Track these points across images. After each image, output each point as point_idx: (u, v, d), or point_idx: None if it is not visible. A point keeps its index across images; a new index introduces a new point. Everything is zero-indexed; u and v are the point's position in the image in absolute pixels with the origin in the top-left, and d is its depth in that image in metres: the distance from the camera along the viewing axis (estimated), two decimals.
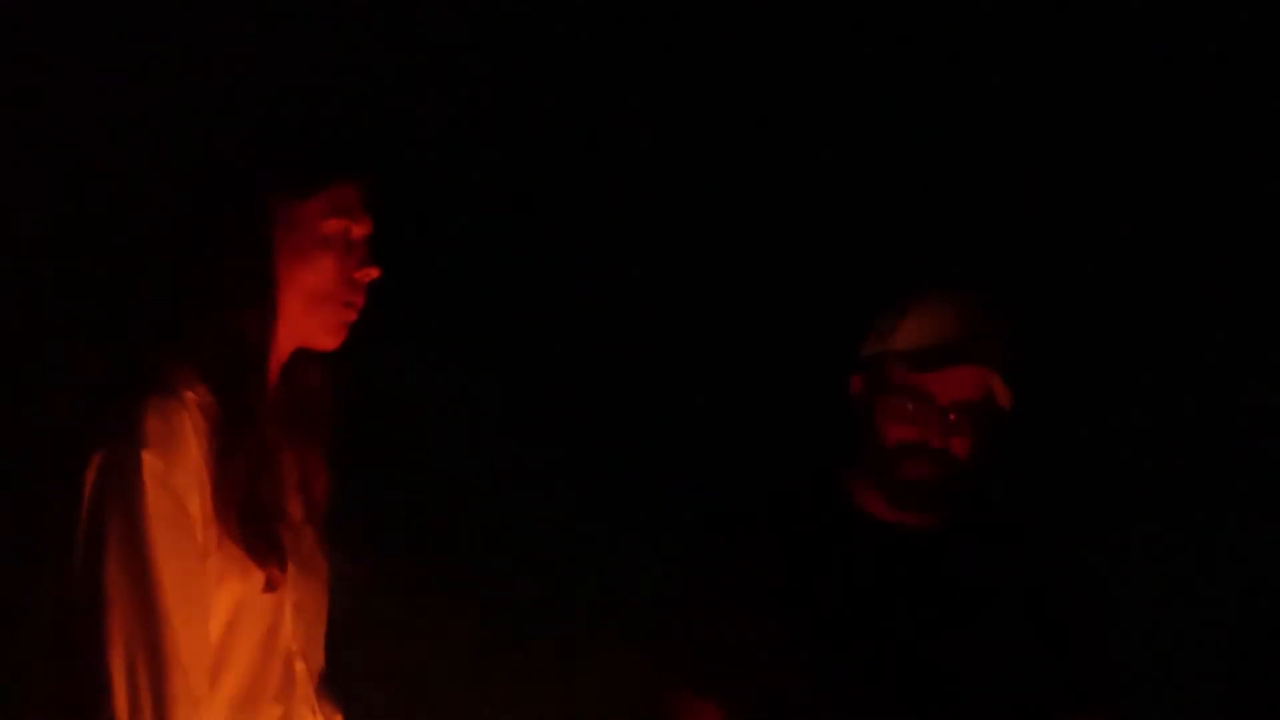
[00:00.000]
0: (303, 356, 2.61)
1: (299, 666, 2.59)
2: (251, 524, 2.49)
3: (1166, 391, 3.99)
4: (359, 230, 2.58)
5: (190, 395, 2.47)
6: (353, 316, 2.59)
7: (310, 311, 2.55)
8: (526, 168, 3.94)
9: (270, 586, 2.53)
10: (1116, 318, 3.98)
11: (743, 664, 3.00)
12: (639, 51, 3.97)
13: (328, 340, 2.58)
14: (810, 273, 3.94)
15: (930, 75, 3.97)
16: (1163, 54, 3.95)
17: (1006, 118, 3.97)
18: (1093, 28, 3.96)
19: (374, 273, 2.59)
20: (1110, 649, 3.11)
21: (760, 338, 3.93)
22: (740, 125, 3.99)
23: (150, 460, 2.40)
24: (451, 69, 3.96)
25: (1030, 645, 3.03)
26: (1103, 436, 3.97)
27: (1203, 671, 3.94)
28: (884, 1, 3.96)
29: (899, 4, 3.97)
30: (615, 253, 3.96)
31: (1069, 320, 3.92)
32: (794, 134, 3.99)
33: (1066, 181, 3.97)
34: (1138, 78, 3.97)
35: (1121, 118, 3.98)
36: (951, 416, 2.94)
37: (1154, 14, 3.94)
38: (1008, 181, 3.96)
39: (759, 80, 3.99)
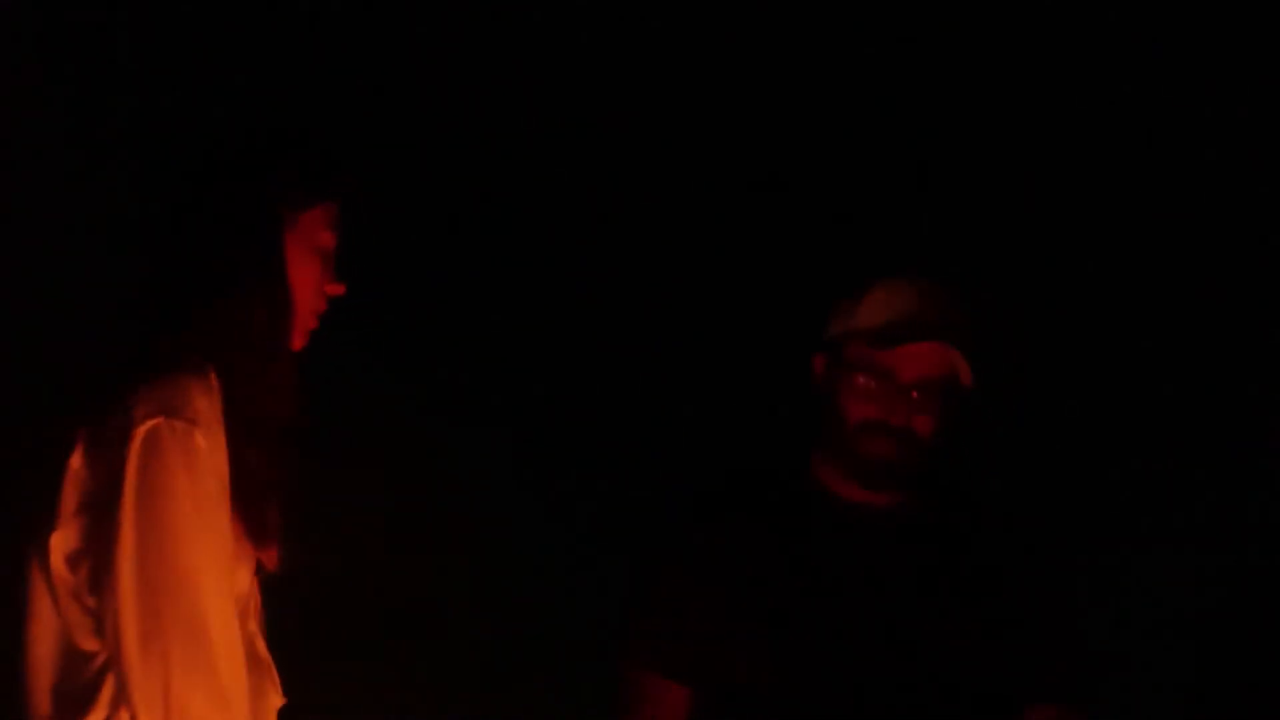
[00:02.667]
0: None
1: (260, 645, 2.65)
2: (258, 508, 2.56)
3: (1137, 378, 4.02)
4: (333, 244, 2.67)
5: (212, 381, 2.54)
6: (316, 324, 2.68)
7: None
8: (492, 164, 4.01)
9: (264, 569, 2.61)
10: (1086, 304, 4.02)
11: (709, 645, 3.00)
12: (602, 46, 4.03)
13: (298, 341, 2.66)
14: (777, 260, 3.98)
15: (898, 70, 4.02)
16: (1118, 44, 4.01)
17: (977, 109, 4.02)
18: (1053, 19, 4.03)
19: (341, 289, 2.68)
20: (1079, 636, 3.11)
21: (726, 324, 3.98)
22: (705, 115, 4.04)
23: (200, 439, 2.45)
24: (440, 69, 4.02)
25: (997, 629, 3.03)
26: (1074, 420, 4.01)
27: (1173, 658, 3.97)
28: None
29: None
30: (585, 246, 4.01)
31: (1037, 304, 3.96)
32: (761, 127, 4.04)
33: (1030, 172, 4.02)
34: (1106, 67, 4.02)
35: (1088, 107, 4.03)
36: (914, 394, 2.93)
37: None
38: (973, 172, 4.01)
39: (722, 74, 4.04)
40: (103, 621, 2.44)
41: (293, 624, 2.74)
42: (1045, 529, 3.22)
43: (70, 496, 2.47)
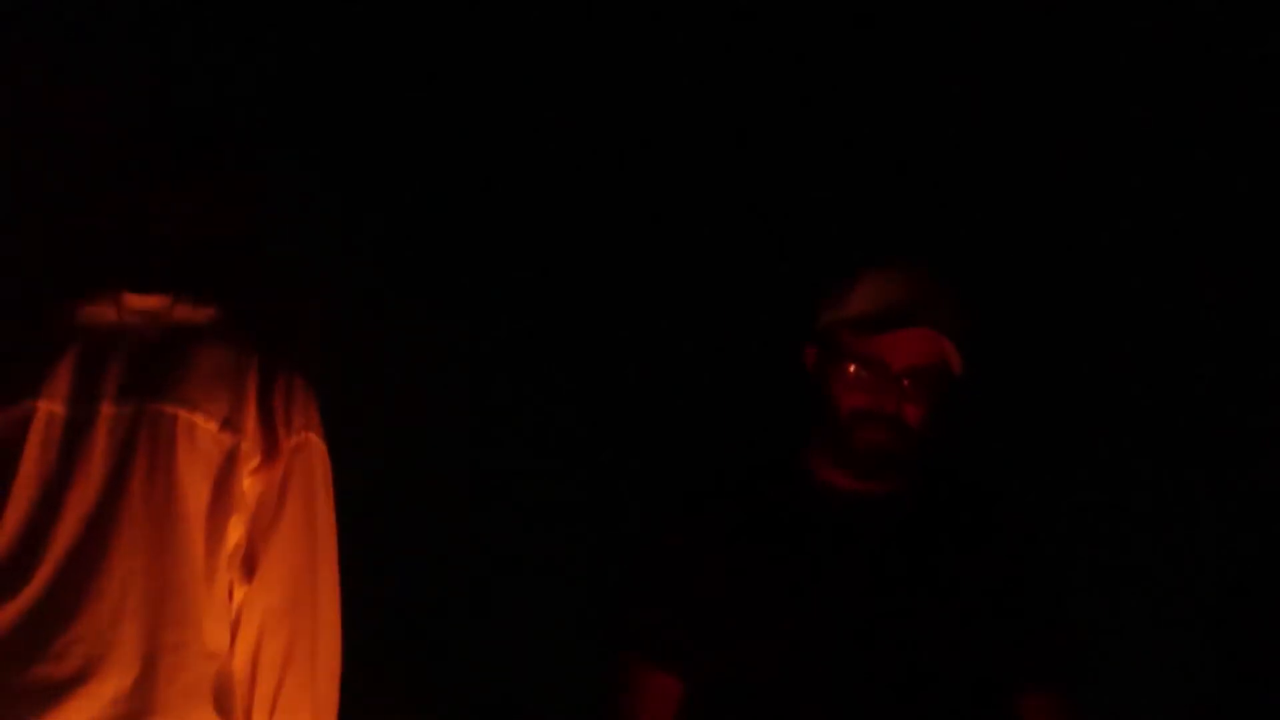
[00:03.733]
0: None
1: None
2: None
3: (1130, 364, 4.05)
4: None
5: None
6: None
7: None
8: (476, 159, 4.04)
9: None
10: (1082, 289, 4.06)
11: (701, 634, 3.01)
12: (594, 39, 4.06)
13: None
14: (768, 253, 4.01)
15: (884, 62, 4.04)
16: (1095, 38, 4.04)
17: (961, 100, 4.05)
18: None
19: None
20: (1070, 622, 3.12)
21: (718, 317, 4.00)
22: (694, 109, 4.07)
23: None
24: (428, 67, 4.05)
25: (989, 616, 3.04)
26: (1065, 406, 4.03)
27: (1171, 645, 3.97)
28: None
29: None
30: (578, 240, 4.03)
31: (1028, 289, 3.99)
32: (750, 120, 4.07)
33: (1021, 159, 4.05)
34: (1083, 55, 4.06)
35: (1077, 96, 4.07)
36: (905, 383, 2.94)
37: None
38: (960, 160, 4.03)
39: (711, 68, 4.07)
40: (241, 619, 2.50)
41: None
42: (1037, 515, 3.23)
43: (240, 489, 2.52)
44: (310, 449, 2.54)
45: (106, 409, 2.50)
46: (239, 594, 2.50)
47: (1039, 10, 4.04)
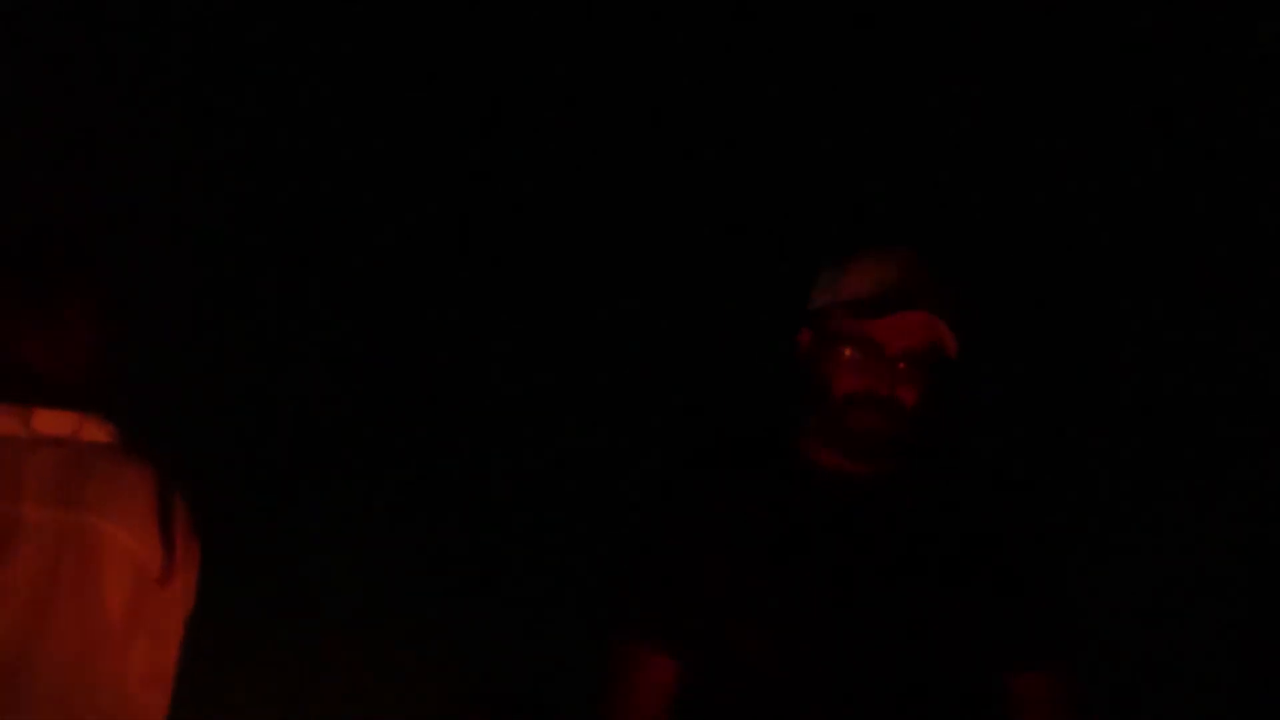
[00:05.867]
0: None
1: None
2: None
3: (1127, 362, 4.06)
4: None
5: None
6: None
7: None
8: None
9: None
10: (1083, 289, 4.07)
11: (697, 618, 3.00)
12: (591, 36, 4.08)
13: None
14: (764, 239, 4.01)
15: (874, 53, 4.06)
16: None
17: (966, 102, 4.06)
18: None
19: None
20: (1066, 605, 3.08)
21: (713, 302, 4.01)
22: (685, 96, 4.09)
23: None
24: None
25: (982, 598, 3.01)
26: (1063, 403, 4.03)
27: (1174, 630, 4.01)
28: None
29: None
30: (571, 229, 4.04)
31: (1035, 291, 4.00)
32: (743, 108, 4.08)
33: (1015, 148, 4.06)
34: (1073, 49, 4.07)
35: (1071, 88, 4.08)
36: (900, 366, 2.92)
37: None
38: (954, 148, 4.04)
39: (702, 58, 4.09)
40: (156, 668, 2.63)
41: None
42: (1037, 498, 3.24)
43: (148, 606, 2.64)
44: (192, 571, 2.64)
45: (30, 512, 2.55)
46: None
47: (1039, 10, 4.05)
